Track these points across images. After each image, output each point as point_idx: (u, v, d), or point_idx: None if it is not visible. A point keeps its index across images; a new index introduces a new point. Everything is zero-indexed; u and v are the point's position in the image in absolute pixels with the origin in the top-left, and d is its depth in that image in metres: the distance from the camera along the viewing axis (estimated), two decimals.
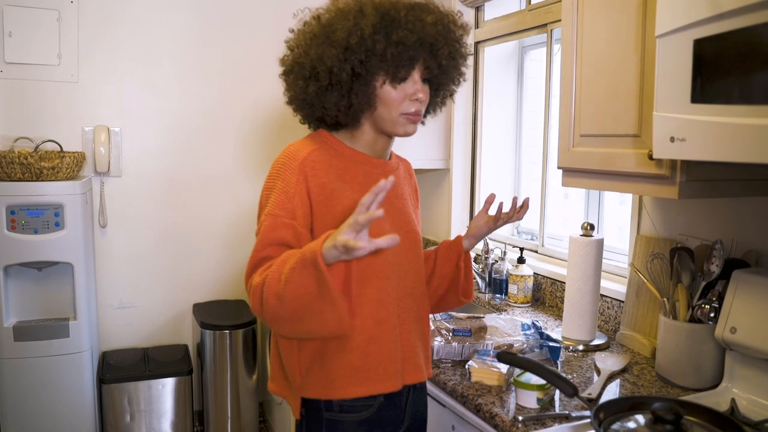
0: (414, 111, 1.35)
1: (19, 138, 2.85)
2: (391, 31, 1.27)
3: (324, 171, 1.34)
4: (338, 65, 1.28)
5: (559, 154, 1.73)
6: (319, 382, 1.36)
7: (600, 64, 1.58)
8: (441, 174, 3.10)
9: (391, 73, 1.31)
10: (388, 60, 1.28)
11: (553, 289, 2.42)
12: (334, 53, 1.28)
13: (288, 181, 1.31)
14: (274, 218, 1.29)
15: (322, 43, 1.30)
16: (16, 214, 2.60)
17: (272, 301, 1.20)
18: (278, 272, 1.20)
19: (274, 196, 1.31)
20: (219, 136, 3.29)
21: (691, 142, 1.23)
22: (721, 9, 1.12)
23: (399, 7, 1.30)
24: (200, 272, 3.35)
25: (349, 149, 1.40)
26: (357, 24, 1.28)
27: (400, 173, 1.51)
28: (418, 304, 1.48)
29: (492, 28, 2.81)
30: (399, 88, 1.33)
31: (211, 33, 3.21)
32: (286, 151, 1.36)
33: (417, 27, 1.29)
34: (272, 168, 1.35)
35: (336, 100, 1.32)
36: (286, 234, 1.29)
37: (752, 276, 1.53)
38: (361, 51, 1.27)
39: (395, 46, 1.28)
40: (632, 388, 1.65)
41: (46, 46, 2.91)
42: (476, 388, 1.63)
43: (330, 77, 1.30)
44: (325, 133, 1.42)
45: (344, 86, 1.31)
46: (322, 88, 1.32)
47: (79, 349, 2.75)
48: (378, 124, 1.38)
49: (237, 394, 3.07)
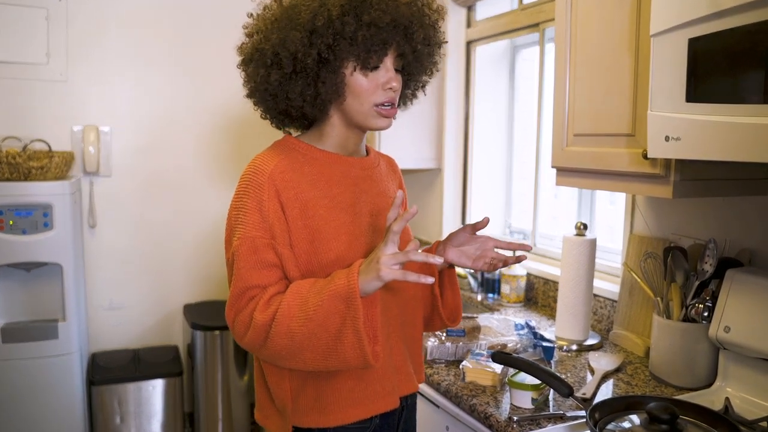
0: (387, 101, 1.24)
1: (6, 137, 2.82)
2: (362, 12, 1.17)
3: (295, 181, 1.24)
4: (303, 50, 1.17)
5: (553, 153, 1.72)
6: (312, 407, 1.26)
7: (594, 63, 1.58)
8: (432, 174, 3.09)
9: (362, 59, 1.20)
10: (358, 43, 1.18)
11: (545, 288, 2.42)
12: (298, 37, 1.17)
13: (259, 199, 1.20)
14: (252, 240, 1.19)
15: (285, 26, 1.19)
16: (4, 214, 2.57)
17: (282, 340, 1.15)
18: (295, 308, 1.15)
19: (247, 217, 1.20)
20: (209, 135, 3.27)
21: (686, 141, 1.23)
22: (720, 7, 1.12)
23: None
24: (191, 272, 3.32)
25: (319, 151, 1.30)
26: (323, 4, 1.17)
27: (382, 169, 1.42)
28: (407, 309, 1.38)
29: (484, 27, 2.80)
30: (370, 77, 1.22)
31: (200, 32, 3.19)
32: (251, 166, 1.25)
33: (390, 7, 1.18)
34: (239, 186, 1.24)
35: (301, 89, 1.21)
36: (269, 255, 1.20)
37: (745, 275, 1.53)
38: (328, 34, 1.16)
39: (366, 28, 1.17)
40: (626, 388, 1.65)
41: (35, 44, 2.88)
42: (470, 389, 1.62)
43: (294, 64, 1.19)
44: (291, 139, 1.32)
45: (310, 73, 1.20)
46: (286, 76, 1.21)
47: (69, 350, 2.72)
48: (348, 116, 1.27)
49: (228, 395, 3.05)
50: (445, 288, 1.44)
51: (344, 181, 1.30)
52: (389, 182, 1.43)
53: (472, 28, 2.89)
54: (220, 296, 3.39)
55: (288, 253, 1.22)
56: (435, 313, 1.44)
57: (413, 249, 1.13)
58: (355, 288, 1.11)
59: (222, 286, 3.39)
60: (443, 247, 1.40)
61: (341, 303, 1.12)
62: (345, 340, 1.14)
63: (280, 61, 1.20)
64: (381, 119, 1.27)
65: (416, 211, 1.11)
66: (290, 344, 1.15)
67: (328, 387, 1.26)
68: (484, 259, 1.39)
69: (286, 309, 1.15)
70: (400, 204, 1.15)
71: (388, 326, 1.32)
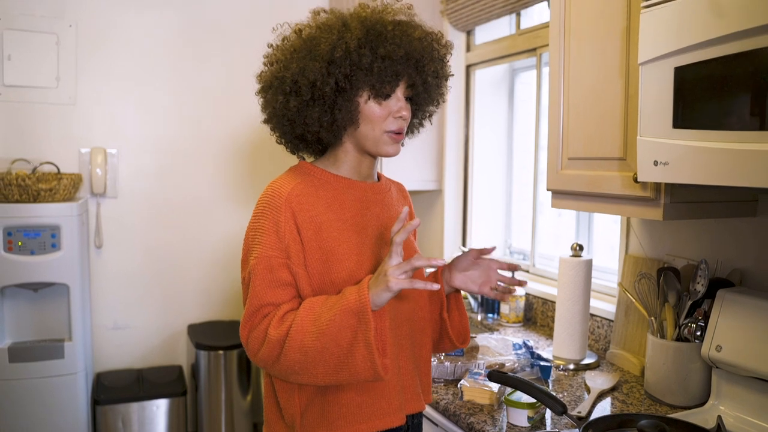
0: (397, 129, 1.32)
1: (17, 160, 2.89)
2: (378, 45, 1.25)
3: (311, 204, 1.30)
4: (321, 79, 1.25)
5: (548, 176, 1.77)
6: (321, 423, 1.29)
7: (586, 89, 1.62)
8: (433, 195, 3.14)
9: (376, 89, 1.28)
10: (374, 74, 1.26)
11: (544, 308, 2.45)
12: (317, 67, 1.24)
13: (276, 220, 1.26)
14: (268, 259, 1.25)
15: (305, 56, 1.26)
16: (13, 235, 2.62)
17: (296, 355, 1.20)
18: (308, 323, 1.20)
19: (264, 237, 1.26)
20: (215, 157, 3.33)
21: (674, 165, 1.27)
22: (705, 37, 1.17)
23: (385, 21, 1.29)
24: (195, 293, 3.36)
25: (334, 176, 1.36)
26: (342, 37, 1.25)
27: (393, 195, 1.47)
28: (415, 329, 1.41)
29: (483, 51, 2.86)
30: (383, 105, 1.30)
31: (206, 57, 3.26)
32: (268, 189, 1.32)
33: (404, 41, 1.27)
34: (257, 208, 1.31)
35: (318, 115, 1.28)
36: (284, 274, 1.26)
37: (736, 295, 1.56)
38: (345, 65, 1.25)
39: (381, 60, 1.25)
40: (621, 406, 1.68)
41: (45, 69, 2.96)
42: (468, 407, 1.65)
43: (312, 91, 1.26)
44: (306, 164, 1.38)
45: (327, 101, 1.27)
46: (304, 103, 1.28)
47: (74, 370, 2.75)
48: (360, 143, 1.34)
49: (231, 415, 3.07)
50: (453, 311, 1.49)
51: (357, 204, 1.36)
52: (399, 207, 1.48)
53: (471, 52, 2.95)
54: (223, 316, 3.42)
55: (302, 272, 1.27)
56: (444, 336, 1.48)
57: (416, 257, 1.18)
58: (366, 302, 1.17)
59: (226, 307, 3.43)
60: (449, 272, 1.45)
61: (353, 317, 1.18)
62: (356, 353, 1.19)
63: (299, 88, 1.27)
64: (390, 145, 1.34)
65: (418, 222, 1.19)
66: (303, 359, 1.20)
67: (336, 403, 1.29)
68: (489, 283, 1.45)
69: (300, 325, 1.20)
70: (405, 218, 1.21)
71: (399, 345, 1.36)
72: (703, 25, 1.18)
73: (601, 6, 1.57)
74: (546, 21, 2.43)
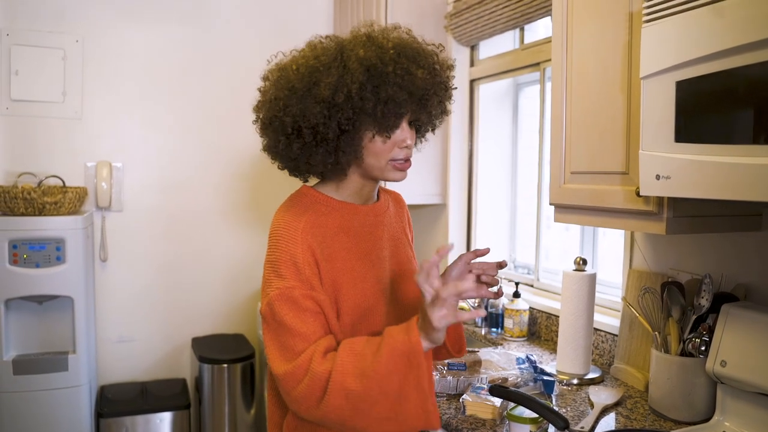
0: (404, 157, 1.30)
1: (23, 173, 2.91)
2: (380, 88, 1.20)
3: (321, 235, 1.28)
4: (324, 122, 1.21)
5: (551, 190, 1.77)
6: None
7: (589, 103, 1.63)
8: (438, 209, 3.14)
9: (380, 129, 1.25)
10: (377, 118, 1.22)
11: (548, 323, 2.44)
12: (317, 110, 1.20)
13: (293, 253, 1.23)
14: (290, 290, 1.21)
15: (304, 97, 1.21)
16: (18, 248, 2.64)
17: (338, 400, 1.13)
18: (350, 365, 1.14)
19: (281, 269, 1.23)
20: (219, 172, 3.35)
21: (676, 179, 1.27)
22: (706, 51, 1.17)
23: (386, 59, 1.21)
24: (199, 306, 3.36)
25: (338, 202, 1.34)
26: (342, 79, 1.20)
27: (391, 212, 1.47)
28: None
29: (487, 66, 2.87)
30: (387, 139, 1.27)
31: (211, 72, 3.28)
32: (280, 222, 1.28)
33: (407, 81, 1.22)
34: (271, 240, 1.27)
35: (322, 157, 1.25)
36: (309, 303, 1.22)
37: (741, 310, 1.55)
38: (347, 108, 1.20)
39: (384, 104, 1.21)
40: (625, 422, 1.66)
41: (51, 83, 2.99)
42: (470, 422, 1.64)
43: (315, 135, 1.23)
44: (310, 190, 1.35)
45: (331, 143, 1.24)
46: (308, 146, 1.24)
47: (78, 382, 2.76)
48: (366, 172, 1.32)
49: (235, 428, 3.06)
50: None
51: (361, 231, 1.35)
52: (398, 223, 1.48)
53: (475, 66, 2.96)
54: (227, 330, 3.42)
55: (326, 300, 1.24)
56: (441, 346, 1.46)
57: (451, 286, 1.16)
58: (418, 343, 1.14)
59: (230, 320, 3.43)
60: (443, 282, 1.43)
61: (402, 358, 1.13)
62: (408, 397, 1.14)
63: (301, 131, 1.23)
64: (398, 173, 1.32)
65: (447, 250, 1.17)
66: (345, 405, 1.13)
67: None
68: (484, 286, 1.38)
69: (340, 365, 1.15)
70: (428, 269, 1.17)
71: None
72: (705, 38, 1.18)
73: (603, 20, 1.57)
74: (549, 36, 2.44)
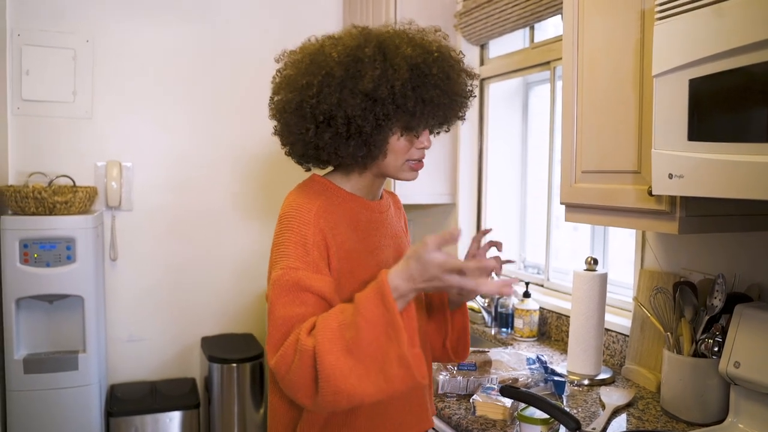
0: (419, 157, 1.32)
1: (33, 173, 2.92)
2: (421, 89, 1.21)
3: (333, 222, 1.26)
4: (361, 114, 1.19)
5: (562, 190, 1.76)
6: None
7: (600, 101, 1.61)
8: (447, 209, 3.13)
9: (411, 128, 1.26)
10: (415, 117, 1.23)
11: (558, 323, 2.43)
12: (356, 102, 1.18)
13: (303, 234, 1.21)
14: (294, 271, 1.18)
15: (342, 85, 1.19)
16: (29, 247, 2.64)
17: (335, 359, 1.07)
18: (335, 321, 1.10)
19: (289, 249, 1.20)
20: (228, 171, 3.35)
21: (689, 178, 1.26)
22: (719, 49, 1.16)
23: (429, 61, 1.22)
24: (209, 306, 3.37)
25: (348, 194, 1.33)
26: (385, 74, 1.18)
27: (392, 210, 1.46)
28: (423, 344, 1.41)
29: (497, 65, 2.86)
30: (408, 138, 1.28)
31: (221, 71, 3.29)
32: (293, 204, 1.25)
33: (448, 86, 1.25)
34: (281, 222, 1.24)
35: (353, 150, 1.23)
36: (314, 284, 1.18)
37: (755, 311, 1.53)
38: (388, 104, 1.19)
39: (423, 104, 1.22)
40: (637, 423, 1.65)
41: (62, 83, 3.00)
42: (480, 422, 1.64)
43: (348, 126, 1.20)
44: (322, 180, 1.34)
45: (363, 136, 1.21)
46: (339, 136, 1.22)
47: (88, 381, 2.77)
48: (381, 169, 1.31)
49: (244, 428, 3.06)
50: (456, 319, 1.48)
51: (368, 226, 1.34)
52: (398, 223, 1.48)
53: (485, 65, 2.95)
54: (237, 329, 3.42)
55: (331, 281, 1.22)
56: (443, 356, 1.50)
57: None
58: (384, 281, 1.10)
59: (239, 320, 3.43)
60: None
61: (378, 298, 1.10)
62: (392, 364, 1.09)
63: (334, 120, 1.21)
64: (411, 173, 1.33)
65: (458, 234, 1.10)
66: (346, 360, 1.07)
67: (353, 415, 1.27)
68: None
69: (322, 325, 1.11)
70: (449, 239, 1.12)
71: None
72: (718, 36, 1.17)
73: (615, 18, 1.56)
74: (559, 34, 2.42)
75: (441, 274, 1.08)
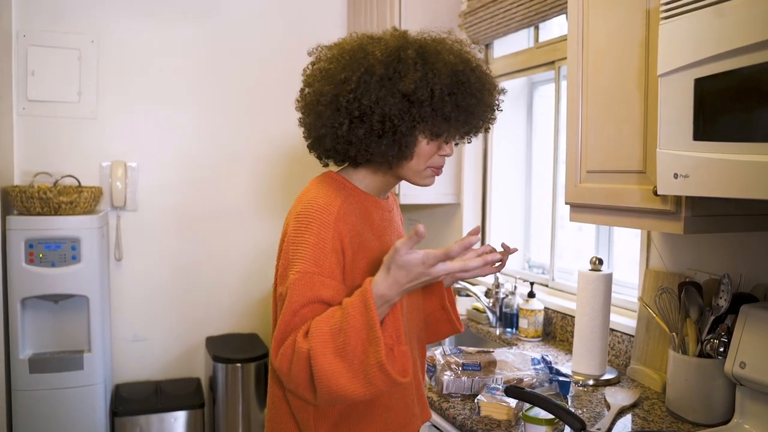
0: (440, 164, 1.33)
1: (38, 173, 2.93)
2: (460, 96, 1.23)
3: (352, 224, 1.26)
4: (399, 115, 1.19)
5: (567, 189, 1.75)
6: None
7: (605, 101, 1.61)
8: (452, 209, 3.13)
9: (440, 133, 1.26)
10: (450, 122, 1.24)
11: (563, 323, 2.43)
12: (395, 102, 1.19)
13: (322, 237, 1.20)
14: (311, 276, 1.18)
15: (382, 84, 1.19)
16: (34, 247, 2.65)
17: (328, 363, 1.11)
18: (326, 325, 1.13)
19: (307, 252, 1.19)
20: (233, 171, 3.35)
21: (695, 178, 1.25)
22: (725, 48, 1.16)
23: (467, 70, 1.25)
24: (213, 306, 3.38)
25: (362, 192, 1.33)
26: (426, 77, 1.20)
27: (395, 210, 1.48)
28: (421, 339, 1.49)
29: (501, 65, 2.86)
30: (435, 144, 1.28)
31: (226, 70, 3.29)
32: (312, 203, 1.24)
33: (484, 96, 1.28)
34: (300, 221, 1.23)
35: (385, 148, 1.23)
36: (326, 292, 1.19)
37: (760, 311, 1.53)
38: (425, 107, 1.20)
39: (459, 111, 1.24)
40: (642, 423, 1.64)
41: (67, 84, 3.01)
42: (485, 423, 1.63)
43: (383, 124, 1.20)
44: (339, 177, 1.34)
45: (397, 136, 1.22)
46: (372, 133, 1.22)
47: (93, 381, 2.78)
48: (403, 172, 1.31)
49: (249, 428, 3.07)
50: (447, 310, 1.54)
51: (380, 225, 1.35)
52: (399, 223, 1.50)
53: (489, 65, 2.93)
54: (241, 329, 3.43)
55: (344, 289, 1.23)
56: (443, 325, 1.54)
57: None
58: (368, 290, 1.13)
59: (244, 320, 3.44)
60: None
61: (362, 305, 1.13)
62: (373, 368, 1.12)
63: (370, 118, 1.21)
64: (430, 179, 1.34)
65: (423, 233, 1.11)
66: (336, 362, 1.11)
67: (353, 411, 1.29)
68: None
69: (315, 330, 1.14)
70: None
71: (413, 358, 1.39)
72: (724, 35, 1.16)
73: (620, 17, 1.56)
74: (564, 34, 2.42)
75: (426, 270, 1.12)
